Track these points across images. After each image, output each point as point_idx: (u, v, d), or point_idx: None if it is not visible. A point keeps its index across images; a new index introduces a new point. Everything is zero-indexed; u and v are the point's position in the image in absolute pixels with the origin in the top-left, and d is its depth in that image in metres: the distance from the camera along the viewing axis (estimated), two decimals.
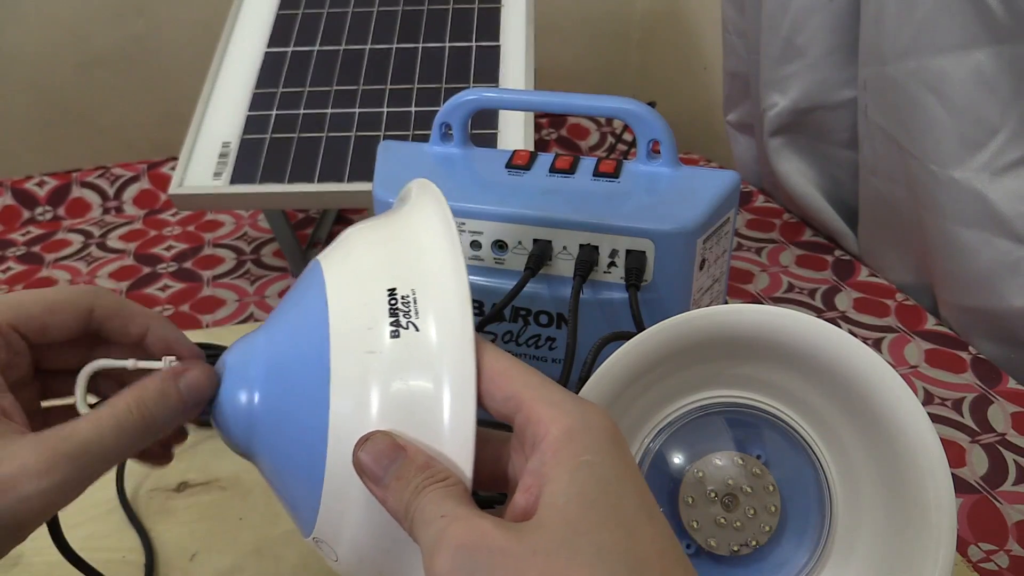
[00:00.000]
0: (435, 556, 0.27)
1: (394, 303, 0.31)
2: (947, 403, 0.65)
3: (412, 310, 0.31)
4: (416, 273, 0.32)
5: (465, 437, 0.29)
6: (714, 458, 0.42)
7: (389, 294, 0.31)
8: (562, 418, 0.29)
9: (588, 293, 0.52)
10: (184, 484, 0.58)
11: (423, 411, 0.30)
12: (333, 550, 0.33)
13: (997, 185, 0.64)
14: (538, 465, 0.28)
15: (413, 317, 0.31)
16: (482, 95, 0.56)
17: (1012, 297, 0.66)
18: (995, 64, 0.62)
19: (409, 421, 0.30)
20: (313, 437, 0.31)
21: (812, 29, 0.81)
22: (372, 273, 0.32)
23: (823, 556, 0.41)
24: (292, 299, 0.35)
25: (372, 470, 0.29)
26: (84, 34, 1.16)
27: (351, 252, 0.34)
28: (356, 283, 0.32)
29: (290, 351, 0.33)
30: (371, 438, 0.30)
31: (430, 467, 0.29)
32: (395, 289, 0.31)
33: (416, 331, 0.30)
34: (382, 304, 0.31)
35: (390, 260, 0.33)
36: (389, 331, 0.30)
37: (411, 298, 0.31)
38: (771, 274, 0.83)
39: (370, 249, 0.34)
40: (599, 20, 1.30)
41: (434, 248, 0.32)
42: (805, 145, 0.88)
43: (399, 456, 0.29)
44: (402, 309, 0.31)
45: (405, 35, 0.87)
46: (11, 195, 1.00)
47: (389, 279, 0.32)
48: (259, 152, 0.77)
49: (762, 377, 0.41)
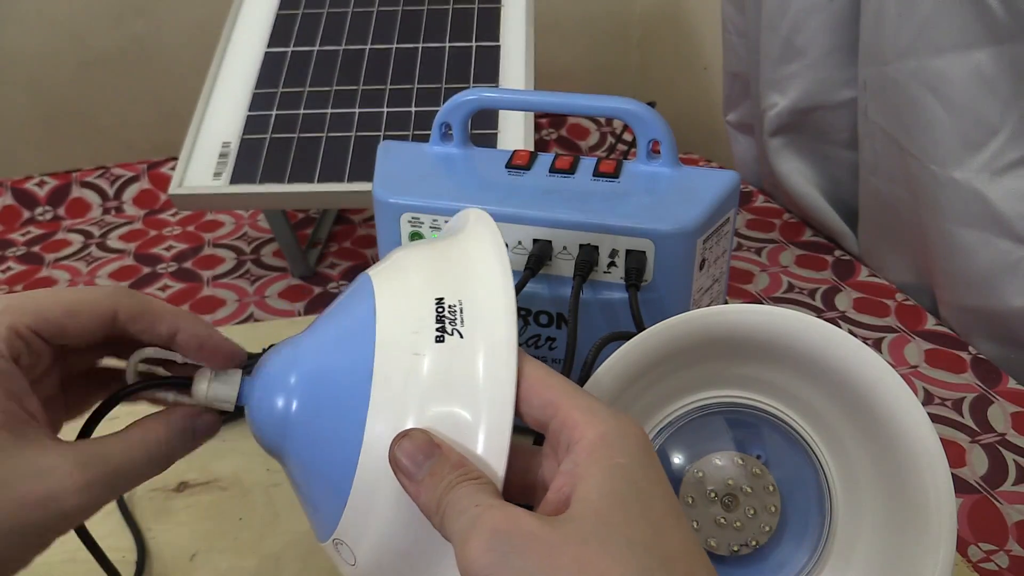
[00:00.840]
0: (469, 540, 0.27)
1: (441, 311, 0.32)
2: (947, 403, 0.65)
3: (458, 319, 0.32)
4: (465, 286, 0.33)
5: (500, 441, 0.30)
6: (714, 458, 0.42)
7: (437, 303, 0.32)
8: (597, 424, 0.30)
9: (588, 293, 0.52)
10: (184, 484, 0.58)
11: (461, 412, 0.31)
12: (352, 553, 0.33)
13: (997, 185, 0.64)
14: (571, 466, 0.29)
15: (459, 325, 0.32)
16: (482, 95, 0.56)
17: (1012, 297, 0.66)
18: (995, 64, 0.62)
19: (447, 422, 0.31)
20: (348, 436, 0.32)
21: (812, 29, 0.81)
22: (421, 284, 0.34)
23: (823, 556, 0.41)
24: (340, 308, 0.36)
25: (407, 466, 0.30)
26: (84, 34, 1.16)
27: (402, 267, 0.35)
28: (405, 292, 0.34)
29: (334, 357, 0.34)
30: (408, 435, 0.31)
31: (464, 465, 0.30)
32: (443, 298, 0.32)
33: (461, 338, 0.31)
34: (429, 311, 0.32)
35: (440, 273, 0.34)
36: (435, 335, 0.31)
37: (458, 308, 0.32)
38: (771, 274, 0.83)
39: (421, 264, 0.35)
40: (599, 20, 1.30)
41: (484, 266, 0.34)
42: (805, 145, 0.88)
43: (434, 453, 0.30)
44: (448, 317, 0.32)
45: (405, 35, 0.87)
46: (11, 195, 1.00)
47: (438, 289, 0.33)
48: (259, 152, 0.77)
49: (762, 377, 0.41)
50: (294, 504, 0.49)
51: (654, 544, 0.27)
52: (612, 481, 0.28)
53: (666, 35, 1.27)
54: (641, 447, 0.30)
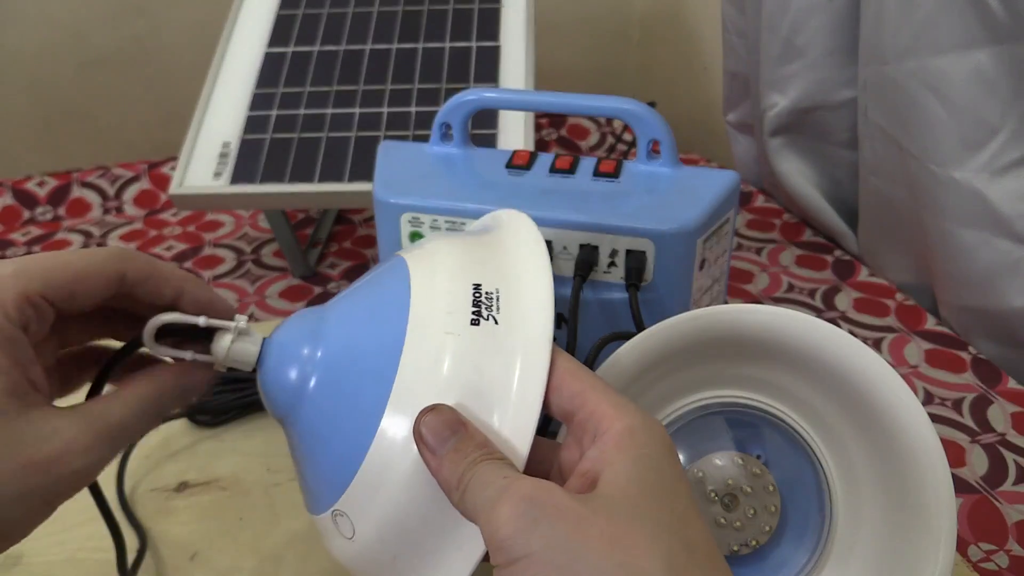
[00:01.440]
0: (497, 506, 0.27)
1: (478, 296, 0.32)
2: (947, 403, 0.65)
3: (495, 305, 0.32)
4: (503, 276, 0.33)
5: (527, 426, 0.30)
6: (714, 458, 0.42)
7: (475, 287, 0.32)
8: (626, 417, 0.30)
9: (588, 293, 0.52)
10: (184, 484, 0.58)
11: (490, 396, 0.31)
12: (352, 525, 0.33)
13: (997, 185, 0.64)
14: (598, 454, 0.30)
15: (495, 311, 0.32)
16: (482, 95, 0.56)
17: (1012, 297, 0.66)
18: (995, 64, 0.62)
19: (474, 403, 0.31)
20: (368, 409, 0.31)
21: (812, 29, 0.81)
22: (458, 269, 0.33)
23: (823, 556, 0.41)
24: (371, 283, 0.36)
25: (431, 440, 0.30)
26: (84, 34, 1.16)
27: (438, 252, 0.35)
28: (442, 275, 0.33)
29: (364, 330, 0.34)
30: (435, 409, 0.31)
31: (488, 445, 0.30)
32: (480, 284, 0.33)
33: (496, 324, 0.31)
34: (466, 294, 0.32)
35: (477, 261, 0.34)
36: (470, 318, 0.31)
37: (495, 295, 0.32)
38: (771, 274, 0.83)
39: (457, 252, 0.35)
40: (599, 20, 1.30)
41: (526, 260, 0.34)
42: (805, 145, 0.88)
43: (459, 430, 0.30)
44: (485, 302, 0.32)
45: (405, 35, 0.87)
46: (11, 195, 1.00)
47: (476, 276, 0.33)
48: (259, 152, 0.77)
49: (762, 377, 0.41)
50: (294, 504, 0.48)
51: (679, 529, 0.28)
52: (639, 469, 0.29)
53: (666, 35, 1.27)
54: (666, 443, 0.30)
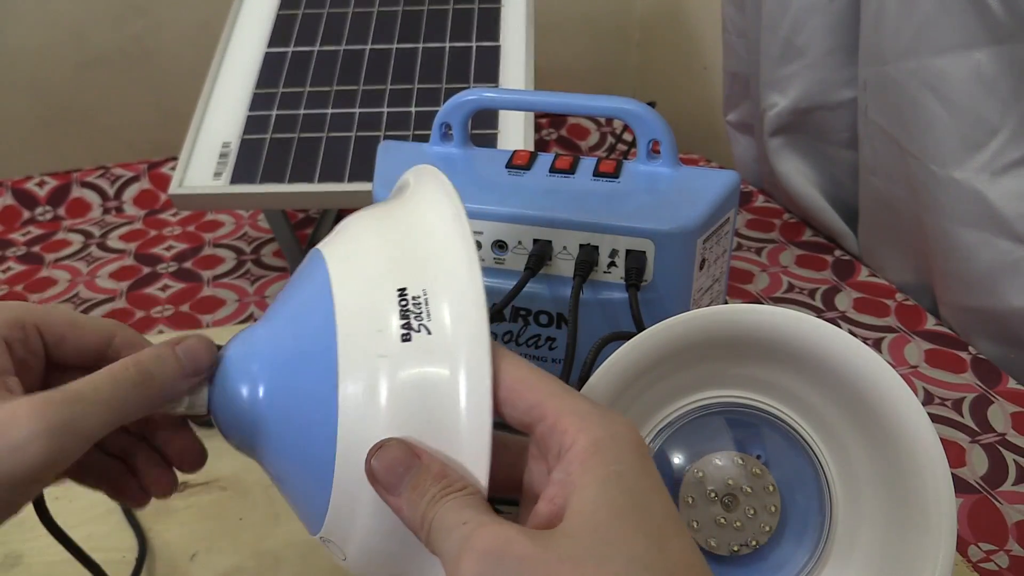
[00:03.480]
0: (460, 562, 0.26)
1: (404, 304, 0.30)
2: (947, 403, 0.65)
3: (424, 312, 0.30)
4: (427, 272, 0.31)
5: (481, 444, 0.29)
6: (714, 458, 0.42)
7: (399, 294, 0.30)
8: (589, 429, 0.28)
9: (588, 293, 0.52)
10: (184, 484, 0.58)
11: (437, 417, 0.29)
12: (341, 550, 0.32)
13: (997, 185, 0.64)
14: (564, 475, 0.28)
15: (425, 320, 0.30)
16: (482, 95, 0.56)
17: (1012, 297, 0.66)
18: (995, 64, 0.62)
19: (423, 427, 0.29)
20: (322, 439, 0.30)
21: (812, 29, 0.81)
22: (380, 271, 0.31)
23: (823, 556, 0.41)
24: (295, 292, 0.34)
25: (386, 479, 0.29)
26: (84, 34, 1.16)
27: (356, 246, 0.33)
28: (363, 281, 0.31)
29: (294, 348, 0.32)
30: (384, 446, 0.29)
31: (446, 476, 0.29)
32: (405, 289, 0.30)
33: (428, 334, 0.29)
34: (392, 305, 0.30)
35: (398, 257, 0.32)
36: (400, 334, 0.29)
37: (422, 299, 0.30)
38: (771, 274, 0.83)
39: (376, 244, 0.33)
40: (599, 20, 1.30)
41: (445, 245, 0.31)
42: (805, 145, 0.88)
43: (413, 465, 0.29)
44: (413, 311, 0.30)
45: (405, 35, 0.87)
46: (11, 195, 1.00)
47: (399, 278, 0.31)
48: (259, 152, 0.77)
49: (762, 377, 0.41)
50: None
51: (655, 559, 0.26)
52: (608, 491, 0.27)
53: (666, 35, 1.27)
54: (636, 451, 0.28)
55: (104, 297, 0.83)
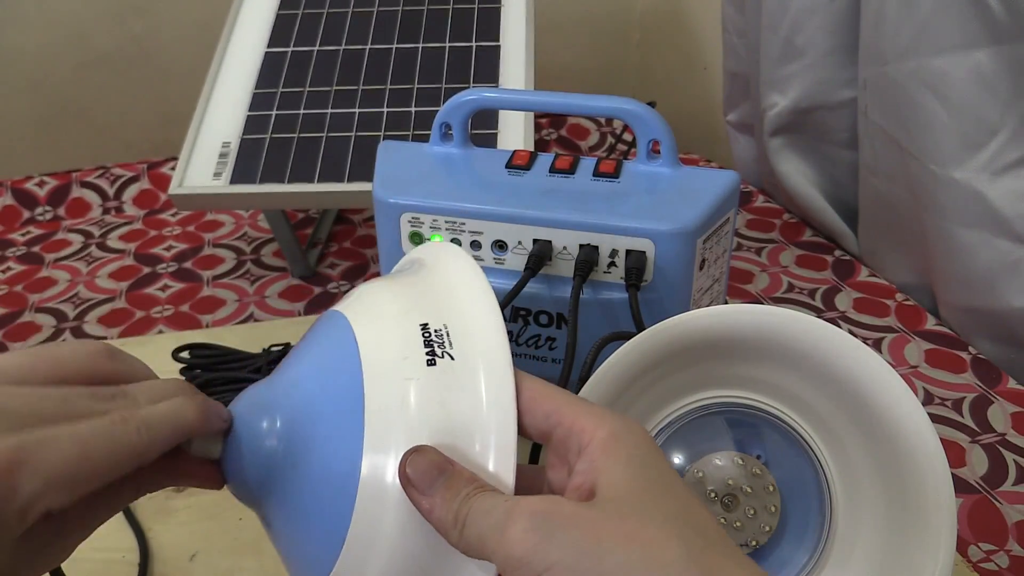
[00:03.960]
0: (507, 528, 0.27)
1: (427, 336, 0.31)
2: (947, 403, 0.65)
3: (446, 341, 0.31)
4: (447, 311, 0.32)
5: (507, 455, 0.30)
6: (714, 458, 0.42)
7: (422, 328, 0.32)
8: (606, 424, 0.30)
9: (588, 293, 0.52)
10: None
11: (464, 433, 0.30)
12: None
13: (997, 185, 0.64)
14: (588, 465, 0.29)
15: (448, 348, 0.31)
16: (482, 95, 0.56)
17: (1012, 297, 0.66)
18: (995, 64, 0.62)
19: (450, 442, 0.30)
20: (342, 471, 0.30)
21: (812, 29, 0.81)
22: (400, 312, 0.33)
23: (823, 556, 0.41)
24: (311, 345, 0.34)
25: (419, 482, 0.29)
26: (84, 34, 1.16)
27: (374, 299, 0.34)
28: (386, 321, 0.33)
29: (317, 391, 0.32)
30: (420, 450, 0.30)
31: (477, 480, 0.30)
32: (427, 324, 0.32)
33: (452, 360, 0.31)
34: (416, 337, 0.31)
35: (417, 301, 0.33)
36: (425, 359, 0.31)
37: (444, 331, 0.32)
38: (771, 274, 0.83)
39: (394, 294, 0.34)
40: (599, 20, 1.30)
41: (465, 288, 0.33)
42: (805, 145, 0.88)
43: (447, 469, 0.30)
44: (436, 340, 0.31)
45: (405, 35, 0.87)
46: (11, 195, 1.00)
47: (420, 315, 0.32)
48: (259, 152, 0.77)
49: (762, 377, 0.41)
50: None
51: (688, 517, 0.28)
52: (633, 469, 0.29)
53: (666, 35, 1.27)
54: (651, 444, 0.30)
55: (104, 297, 0.83)
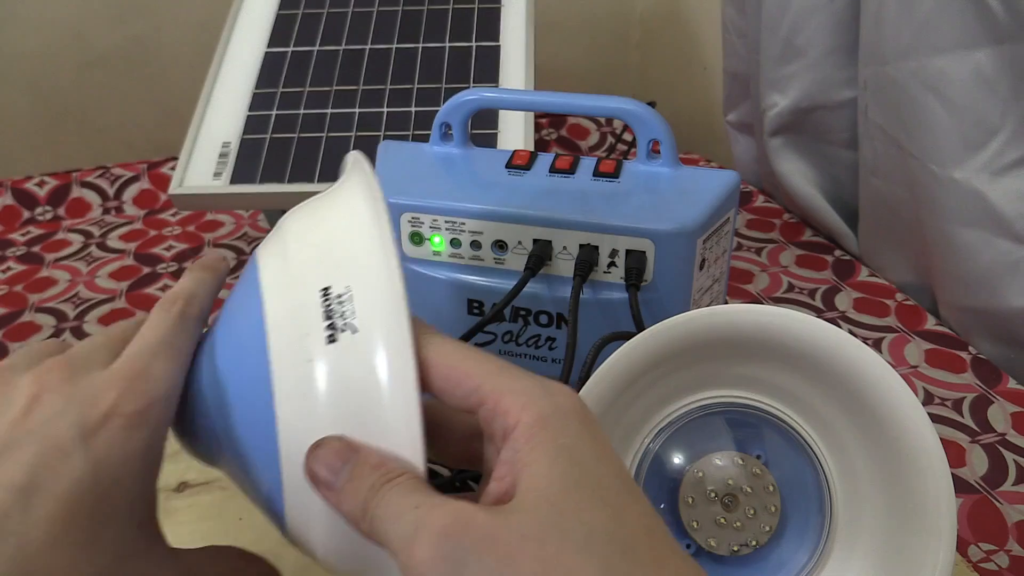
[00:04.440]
0: (414, 546, 0.25)
1: (328, 304, 0.30)
2: (947, 403, 0.65)
3: (348, 308, 0.30)
4: (350, 267, 0.31)
5: (413, 434, 0.28)
6: (714, 458, 0.42)
7: (323, 294, 0.30)
8: (532, 405, 0.28)
9: (588, 293, 0.52)
10: (184, 484, 0.58)
11: (367, 413, 0.29)
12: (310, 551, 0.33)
13: (997, 185, 0.64)
14: (511, 454, 0.27)
15: (350, 317, 0.29)
16: (482, 95, 0.56)
17: (1012, 297, 0.65)
18: (995, 64, 0.62)
19: (357, 426, 0.29)
20: (268, 452, 0.30)
21: (812, 29, 0.81)
22: (305, 271, 0.31)
23: (823, 556, 0.41)
24: (233, 305, 0.34)
25: (325, 477, 0.28)
26: (84, 34, 1.16)
27: (286, 247, 0.33)
28: (290, 285, 0.31)
29: (233, 368, 0.32)
30: (322, 443, 0.29)
31: (385, 465, 0.28)
32: (329, 288, 0.30)
33: (353, 333, 0.29)
34: (316, 307, 0.30)
35: (322, 254, 0.32)
36: (326, 336, 0.29)
37: (347, 296, 0.30)
38: (771, 274, 0.83)
39: (303, 242, 0.33)
40: (599, 20, 1.30)
41: (364, 234, 0.31)
42: (805, 145, 0.88)
43: (351, 457, 0.28)
44: (337, 310, 0.30)
45: (405, 35, 0.87)
46: (11, 195, 1.00)
47: (323, 277, 0.31)
48: (259, 152, 0.77)
49: (762, 377, 0.41)
50: None
51: (614, 529, 0.26)
52: (558, 465, 0.27)
53: (666, 35, 1.27)
54: (583, 422, 0.28)
55: (104, 297, 0.83)
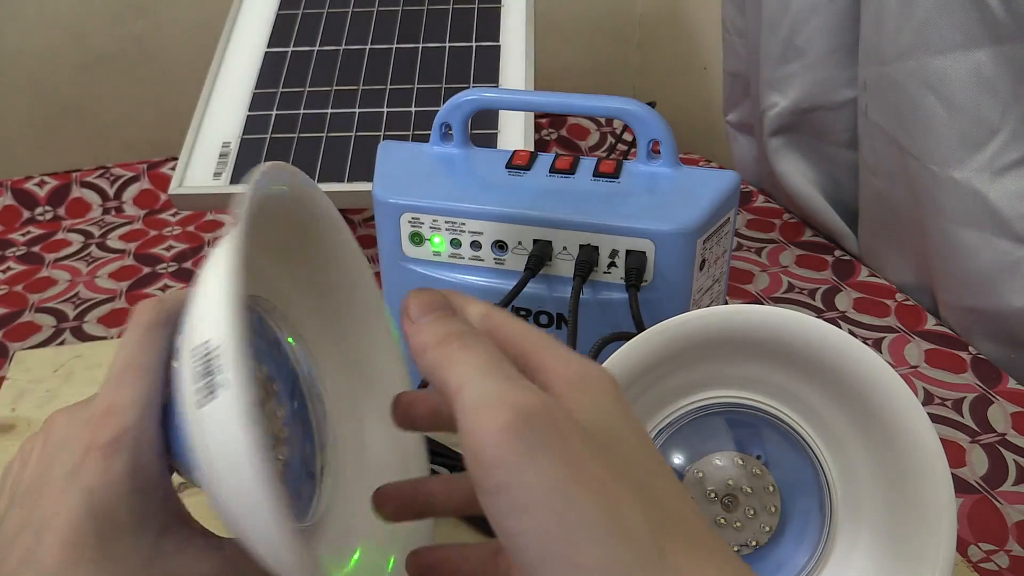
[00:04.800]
0: (488, 412, 0.25)
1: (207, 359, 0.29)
2: (947, 403, 0.65)
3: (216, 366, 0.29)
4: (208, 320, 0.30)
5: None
6: (714, 458, 0.42)
7: (204, 346, 0.29)
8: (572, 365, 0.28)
9: (588, 293, 0.52)
10: (184, 484, 0.58)
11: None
12: None
13: (997, 185, 0.64)
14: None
15: (224, 373, 0.28)
16: (482, 95, 0.56)
17: (1012, 297, 0.66)
18: (995, 64, 0.62)
19: None
20: None
21: (812, 29, 0.81)
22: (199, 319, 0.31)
23: (823, 556, 0.41)
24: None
25: (414, 311, 0.29)
26: (84, 34, 1.16)
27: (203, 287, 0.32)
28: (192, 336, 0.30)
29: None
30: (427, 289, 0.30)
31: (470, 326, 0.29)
32: (208, 341, 0.29)
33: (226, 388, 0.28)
34: (200, 359, 0.29)
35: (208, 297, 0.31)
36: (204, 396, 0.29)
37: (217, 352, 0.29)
38: (771, 274, 0.83)
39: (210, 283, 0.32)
40: (599, 20, 1.30)
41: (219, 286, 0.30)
42: (805, 145, 0.88)
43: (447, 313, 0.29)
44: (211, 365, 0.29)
45: (405, 35, 0.87)
46: (11, 195, 1.00)
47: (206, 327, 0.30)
48: (259, 152, 0.77)
49: (762, 377, 0.41)
50: None
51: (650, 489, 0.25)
52: (603, 414, 0.27)
53: (666, 35, 1.27)
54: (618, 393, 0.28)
55: (104, 297, 0.83)
